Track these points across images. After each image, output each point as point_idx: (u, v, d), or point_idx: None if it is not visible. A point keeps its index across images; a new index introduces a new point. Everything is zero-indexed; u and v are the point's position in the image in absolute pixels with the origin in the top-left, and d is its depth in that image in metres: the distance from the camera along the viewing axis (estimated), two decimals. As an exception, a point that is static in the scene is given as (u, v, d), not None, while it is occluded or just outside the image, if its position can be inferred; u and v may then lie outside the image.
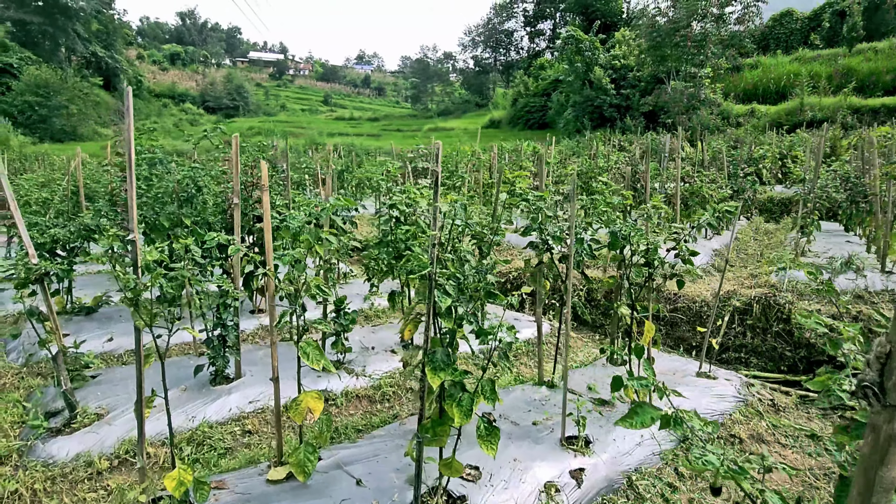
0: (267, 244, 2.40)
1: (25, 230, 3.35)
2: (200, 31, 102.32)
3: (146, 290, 2.08)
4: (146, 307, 2.11)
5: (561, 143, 24.12)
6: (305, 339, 2.37)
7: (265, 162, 2.38)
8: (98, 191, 8.45)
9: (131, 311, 2.08)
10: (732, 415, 3.53)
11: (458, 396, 2.10)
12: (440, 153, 2.17)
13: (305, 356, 2.31)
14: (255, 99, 71.71)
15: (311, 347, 2.35)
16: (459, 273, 2.20)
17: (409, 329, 2.93)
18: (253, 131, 41.35)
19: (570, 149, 20.39)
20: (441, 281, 2.18)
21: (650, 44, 22.54)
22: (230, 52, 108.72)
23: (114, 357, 4.42)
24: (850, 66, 27.84)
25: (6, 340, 4.56)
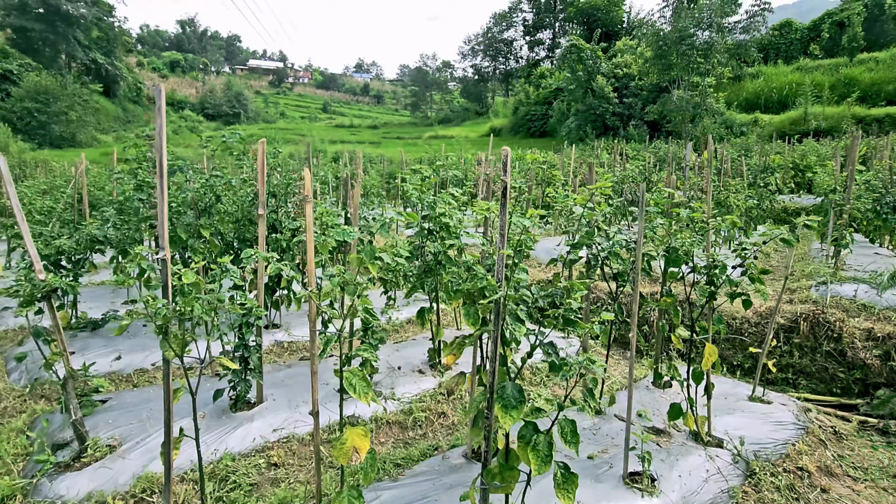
0: (309, 261, 2.14)
1: (32, 242, 3.09)
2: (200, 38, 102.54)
3: (179, 317, 1.82)
4: (177, 335, 1.85)
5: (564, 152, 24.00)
6: (350, 369, 2.11)
7: (308, 170, 2.13)
8: (101, 199, 8.20)
9: (160, 339, 1.82)
10: (796, 444, 3.27)
11: (533, 439, 1.84)
12: (509, 162, 1.93)
13: (351, 388, 2.05)
14: (254, 106, 71.73)
15: (357, 378, 2.09)
16: (527, 296, 1.95)
17: (452, 356, 2.67)
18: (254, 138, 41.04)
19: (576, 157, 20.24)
20: (510, 305, 1.93)
21: (656, 52, 22.54)
22: (229, 60, 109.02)
23: (122, 377, 4.14)
24: (852, 75, 27.97)
25: (7, 359, 4.27)
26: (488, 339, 2.48)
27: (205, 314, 1.85)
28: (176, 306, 1.81)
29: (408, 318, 6.05)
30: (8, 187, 3.07)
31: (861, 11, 33.25)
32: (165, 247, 1.77)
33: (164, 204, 1.76)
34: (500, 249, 1.92)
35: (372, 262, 2.11)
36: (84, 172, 6.35)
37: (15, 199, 3.07)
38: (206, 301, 1.87)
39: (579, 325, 1.86)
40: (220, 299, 1.92)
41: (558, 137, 35.66)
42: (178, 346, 1.86)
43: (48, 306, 3.08)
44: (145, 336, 4.73)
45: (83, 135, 38.08)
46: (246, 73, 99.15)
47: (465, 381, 2.76)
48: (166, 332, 1.81)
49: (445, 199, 3.42)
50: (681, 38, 20.91)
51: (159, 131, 1.74)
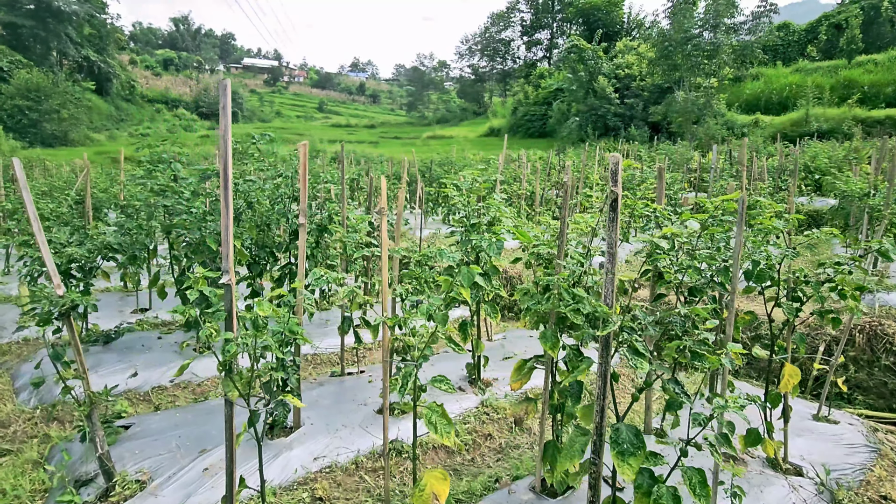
0: (384, 283, 1.89)
1: (49, 254, 2.80)
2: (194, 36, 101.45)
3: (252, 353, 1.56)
4: (242, 373, 1.58)
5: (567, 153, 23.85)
6: (428, 404, 1.86)
7: (384, 177, 1.88)
8: (104, 201, 7.86)
9: (223, 378, 1.56)
10: (873, 469, 3.06)
11: (653, 491, 1.59)
12: (619, 170, 1.68)
13: (432, 427, 1.80)
14: (249, 105, 71.06)
15: (436, 415, 1.84)
16: (639, 324, 1.71)
17: (519, 382, 2.42)
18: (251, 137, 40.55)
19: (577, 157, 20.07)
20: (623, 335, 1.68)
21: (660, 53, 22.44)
22: (224, 58, 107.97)
23: (139, 396, 3.85)
24: (851, 77, 28.06)
25: (14, 376, 3.97)
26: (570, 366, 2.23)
27: (277, 350, 1.59)
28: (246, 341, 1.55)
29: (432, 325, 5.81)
30: (24, 193, 2.78)
31: (858, 14, 33.43)
32: (230, 268, 1.51)
33: (229, 218, 1.50)
34: (609, 271, 1.68)
35: (465, 287, 1.86)
36: (88, 174, 6.04)
37: (31, 207, 2.78)
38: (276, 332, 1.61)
39: (708, 358, 1.62)
40: (293, 330, 1.67)
41: (558, 138, 35.53)
42: (244, 384, 1.60)
43: (67, 325, 2.79)
44: (161, 349, 4.45)
45: (75, 133, 37.40)
46: (241, 72, 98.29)
47: (535, 408, 2.51)
48: (230, 370, 1.55)
49: (493, 204, 3.17)
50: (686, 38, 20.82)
51: (223, 133, 1.47)
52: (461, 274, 1.78)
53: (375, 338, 2.16)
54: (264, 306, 1.58)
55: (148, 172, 3.97)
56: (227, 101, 1.48)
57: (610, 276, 1.70)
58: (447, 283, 1.82)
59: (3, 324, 5.14)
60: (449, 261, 1.75)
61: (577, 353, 2.31)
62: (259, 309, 1.57)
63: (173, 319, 5.53)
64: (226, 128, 1.47)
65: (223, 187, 1.47)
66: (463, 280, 1.79)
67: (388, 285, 1.93)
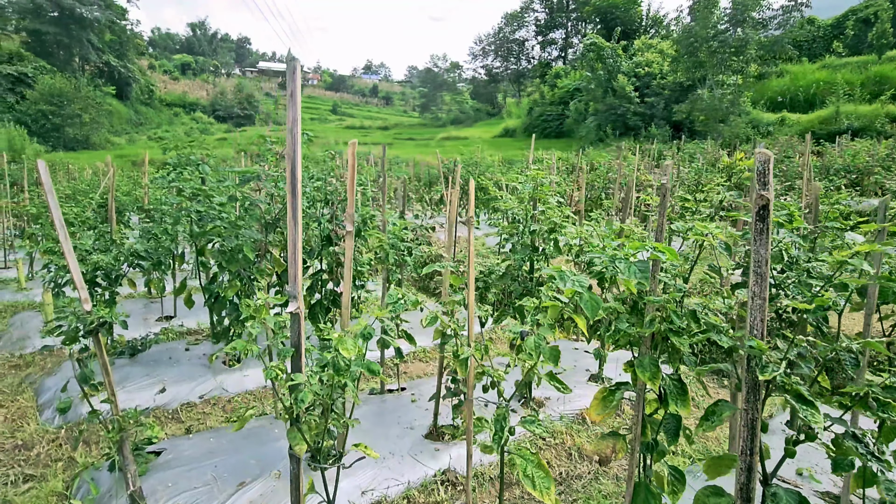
0: (470, 306, 1.58)
1: (76, 265, 2.56)
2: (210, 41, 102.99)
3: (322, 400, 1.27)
4: (311, 423, 1.30)
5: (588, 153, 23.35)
6: (521, 452, 1.55)
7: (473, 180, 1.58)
8: (127, 205, 7.72)
9: (288, 428, 1.28)
10: None
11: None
12: (770, 171, 1.35)
13: (528, 480, 1.50)
14: (264, 108, 71.75)
15: (532, 465, 1.53)
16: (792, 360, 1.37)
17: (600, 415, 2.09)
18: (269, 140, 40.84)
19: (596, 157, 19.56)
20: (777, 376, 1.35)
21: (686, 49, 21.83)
22: (239, 62, 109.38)
23: (168, 414, 3.61)
24: (882, 73, 27.00)
25: (38, 391, 3.76)
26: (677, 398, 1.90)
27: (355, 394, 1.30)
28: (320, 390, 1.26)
29: (467, 337, 5.50)
30: (49, 197, 2.55)
31: (888, 8, 32.27)
32: (298, 293, 1.22)
33: (298, 230, 1.21)
34: (757, 296, 1.35)
35: (582, 317, 1.54)
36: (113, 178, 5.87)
37: (57, 213, 2.55)
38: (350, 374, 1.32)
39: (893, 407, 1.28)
40: (372, 369, 1.37)
41: (576, 138, 34.96)
42: (314, 435, 1.31)
43: (96, 343, 2.55)
44: (189, 362, 4.21)
45: (96, 137, 38.08)
46: (256, 76, 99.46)
47: (625, 445, 2.18)
48: (298, 419, 1.26)
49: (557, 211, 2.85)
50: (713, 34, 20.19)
51: (292, 126, 1.19)
52: (584, 301, 1.47)
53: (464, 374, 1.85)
54: (348, 344, 1.29)
55: (178, 174, 3.73)
56: (296, 85, 1.20)
57: (759, 303, 1.37)
58: (555, 310, 1.52)
59: (28, 332, 4.98)
60: (575, 285, 1.43)
61: (679, 383, 1.98)
62: (343, 348, 1.28)
63: (199, 328, 5.31)
64: (294, 120, 1.18)
65: (290, 193, 1.19)
66: (587, 308, 1.47)
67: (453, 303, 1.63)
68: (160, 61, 77.47)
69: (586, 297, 1.45)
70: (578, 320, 1.55)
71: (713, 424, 1.56)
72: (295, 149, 1.18)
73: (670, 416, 2.11)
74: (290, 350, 1.34)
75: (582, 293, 1.45)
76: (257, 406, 3.75)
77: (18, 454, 3.10)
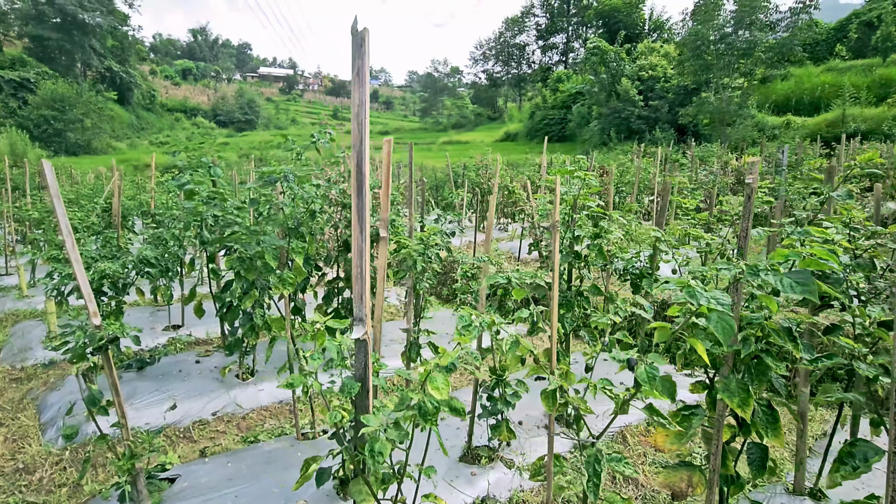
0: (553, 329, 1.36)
1: (84, 275, 2.35)
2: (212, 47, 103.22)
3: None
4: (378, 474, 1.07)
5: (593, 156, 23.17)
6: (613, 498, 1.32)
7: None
8: (132, 209, 7.50)
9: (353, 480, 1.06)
10: None
11: None
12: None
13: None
14: (265, 113, 71.86)
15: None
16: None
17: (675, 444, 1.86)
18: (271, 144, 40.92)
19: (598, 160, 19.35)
20: None
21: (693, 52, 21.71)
22: (240, 68, 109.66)
23: (179, 432, 3.37)
24: (888, 76, 26.88)
25: (41, 408, 3.53)
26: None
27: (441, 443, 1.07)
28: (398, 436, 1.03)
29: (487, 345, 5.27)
30: (55, 202, 2.34)
31: (891, 11, 32.24)
32: (366, 315, 0.99)
33: (365, 239, 0.99)
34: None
35: (693, 337, 1.32)
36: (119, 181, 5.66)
37: (64, 219, 2.33)
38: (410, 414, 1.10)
39: None
40: (455, 407, 1.15)
41: (579, 142, 34.83)
42: (380, 484, 1.09)
43: (105, 360, 2.33)
44: (200, 376, 3.98)
45: (98, 142, 37.99)
46: (257, 81, 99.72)
47: (702, 479, 1.95)
48: (364, 469, 1.04)
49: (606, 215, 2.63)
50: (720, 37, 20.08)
51: (357, 112, 0.97)
52: (714, 322, 1.24)
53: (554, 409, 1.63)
54: (439, 382, 1.07)
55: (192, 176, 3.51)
56: (363, 63, 0.98)
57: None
58: (665, 332, 1.30)
59: (30, 343, 4.75)
60: (711, 303, 1.20)
61: (769, 409, 1.75)
62: (433, 387, 1.05)
63: (209, 338, 5.09)
64: (361, 103, 0.96)
65: (356, 191, 0.97)
66: (718, 331, 1.24)
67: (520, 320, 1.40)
68: (161, 67, 77.63)
69: (715, 317, 1.22)
70: (696, 345, 1.32)
71: (858, 471, 1.33)
72: (362, 138, 0.97)
73: (754, 445, 1.88)
74: (354, 385, 1.12)
75: (712, 311, 1.22)
76: (274, 423, 3.52)
77: (20, 478, 2.87)
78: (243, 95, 69.03)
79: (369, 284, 1.04)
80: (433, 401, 1.06)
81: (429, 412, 1.05)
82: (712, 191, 8.28)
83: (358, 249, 1.01)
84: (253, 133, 59.39)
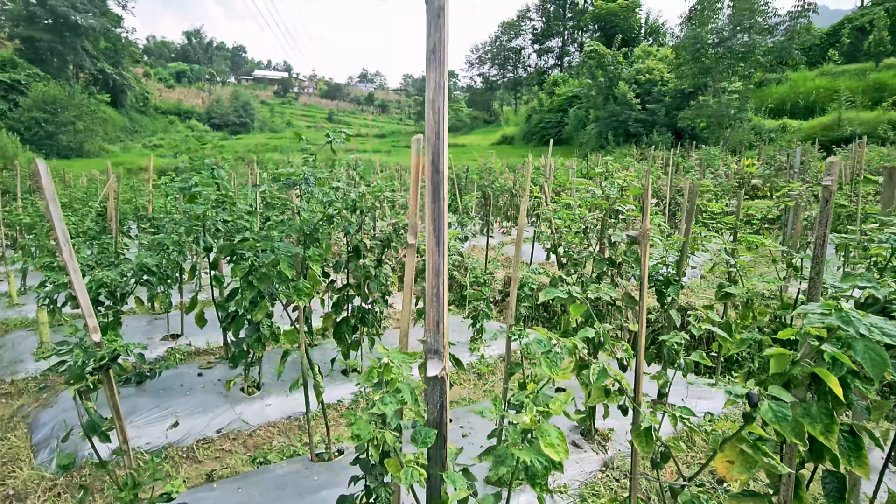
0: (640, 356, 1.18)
1: (83, 287, 2.14)
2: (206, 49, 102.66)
3: None
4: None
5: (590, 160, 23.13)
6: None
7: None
8: (128, 213, 7.26)
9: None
10: None
11: None
12: None
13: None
14: (260, 116, 71.46)
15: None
16: None
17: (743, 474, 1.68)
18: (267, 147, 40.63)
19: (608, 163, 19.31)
20: None
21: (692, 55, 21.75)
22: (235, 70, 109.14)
23: (182, 452, 3.16)
24: (881, 80, 27.14)
25: (33, 427, 3.30)
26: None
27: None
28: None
29: (501, 354, 5.08)
30: (51, 206, 2.14)
31: (883, 16, 32.64)
32: (444, 347, 0.80)
33: (442, 251, 0.80)
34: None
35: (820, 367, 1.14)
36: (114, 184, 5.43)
37: (60, 224, 2.13)
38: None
39: None
40: (557, 466, 0.96)
41: (576, 145, 34.84)
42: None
43: (106, 380, 2.12)
44: (203, 390, 3.76)
45: (90, 145, 37.49)
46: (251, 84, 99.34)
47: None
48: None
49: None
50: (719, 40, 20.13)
51: (433, 98, 0.79)
52: (860, 352, 1.05)
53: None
54: (552, 437, 0.87)
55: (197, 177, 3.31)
56: (440, 37, 0.79)
57: None
58: (783, 361, 1.11)
59: (20, 354, 4.50)
60: (874, 333, 1.02)
61: (852, 436, 1.58)
62: (545, 441, 0.85)
63: (210, 348, 4.87)
64: (438, 86, 0.79)
65: (431, 195, 0.78)
66: (869, 364, 1.04)
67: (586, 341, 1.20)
68: (155, 69, 77.07)
69: (861, 347, 1.04)
70: (828, 378, 1.13)
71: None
72: (439, 130, 0.78)
73: (831, 474, 1.70)
74: (430, 433, 0.93)
75: (857, 341, 1.04)
76: (284, 441, 3.31)
77: (9, 507, 2.64)
78: (238, 98, 68.62)
79: (447, 308, 0.86)
80: (543, 459, 0.87)
81: (538, 474, 0.86)
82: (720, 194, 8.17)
83: (434, 267, 0.82)
84: (248, 136, 59.06)
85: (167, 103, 62.72)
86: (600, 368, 1.11)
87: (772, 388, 1.09)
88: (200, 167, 3.69)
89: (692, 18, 23.72)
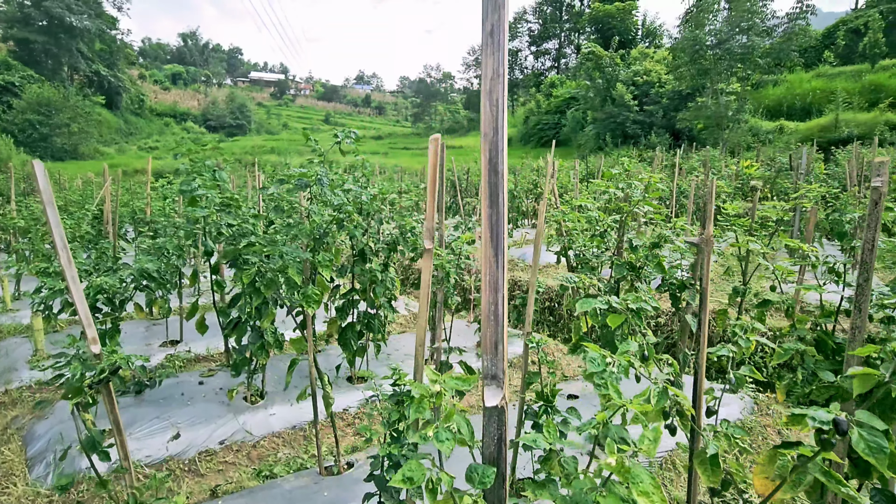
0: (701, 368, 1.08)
1: (82, 296, 2.03)
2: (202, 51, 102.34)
3: None
4: None
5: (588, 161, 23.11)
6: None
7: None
8: (125, 216, 7.12)
9: None
10: None
11: None
12: None
13: None
14: (257, 118, 71.22)
15: None
16: None
17: (788, 492, 1.58)
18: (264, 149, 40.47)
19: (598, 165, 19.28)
20: None
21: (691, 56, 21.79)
22: (231, 73, 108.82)
23: (184, 465, 3.03)
24: (877, 82, 27.29)
25: (27, 440, 3.17)
26: None
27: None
28: None
29: (509, 359, 4.99)
30: (48, 210, 2.03)
31: (877, 18, 32.88)
32: (502, 372, 0.69)
33: (501, 263, 0.69)
34: None
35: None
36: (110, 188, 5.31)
37: (58, 229, 2.02)
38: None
39: None
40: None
41: (574, 146, 34.87)
42: None
43: (105, 394, 2.00)
44: (205, 400, 3.64)
45: (85, 147, 37.19)
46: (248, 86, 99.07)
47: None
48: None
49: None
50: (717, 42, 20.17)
51: (489, 88, 0.69)
52: None
53: None
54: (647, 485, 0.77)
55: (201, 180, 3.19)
56: (499, 19, 0.69)
57: None
58: (867, 381, 0.99)
59: (14, 363, 4.36)
60: None
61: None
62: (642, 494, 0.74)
63: (210, 354, 4.74)
64: (496, 74, 0.69)
65: (487, 199, 0.68)
66: None
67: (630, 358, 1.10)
68: (151, 71, 76.69)
69: None
70: None
71: None
72: (497, 126, 0.68)
73: (879, 492, 1.61)
74: (488, 471, 0.81)
75: None
76: (289, 452, 3.19)
77: (3, 526, 2.52)
78: (234, 100, 68.34)
79: (506, 327, 0.76)
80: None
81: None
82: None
83: (492, 281, 0.71)
84: (244, 138, 58.79)
85: (163, 105, 62.38)
86: (660, 389, 1.02)
87: (859, 413, 1.00)
88: (202, 169, 3.58)
89: (689, 20, 23.83)
